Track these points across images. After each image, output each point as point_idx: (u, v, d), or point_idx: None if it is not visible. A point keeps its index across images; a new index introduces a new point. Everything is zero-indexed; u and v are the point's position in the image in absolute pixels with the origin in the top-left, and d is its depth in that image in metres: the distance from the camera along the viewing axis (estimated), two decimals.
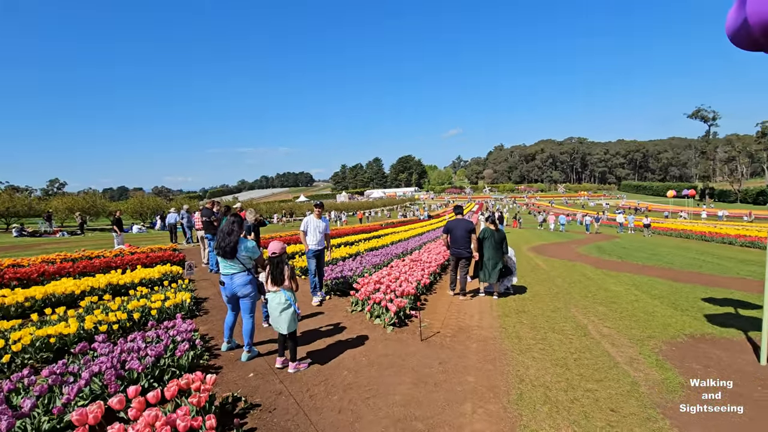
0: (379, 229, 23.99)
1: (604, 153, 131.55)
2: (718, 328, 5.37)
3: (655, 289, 7.99)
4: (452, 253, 7.21)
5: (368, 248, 12.78)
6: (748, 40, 3.56)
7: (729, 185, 73.10)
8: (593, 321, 5.73)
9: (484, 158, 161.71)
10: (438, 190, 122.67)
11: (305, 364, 4.04)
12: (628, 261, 12.68)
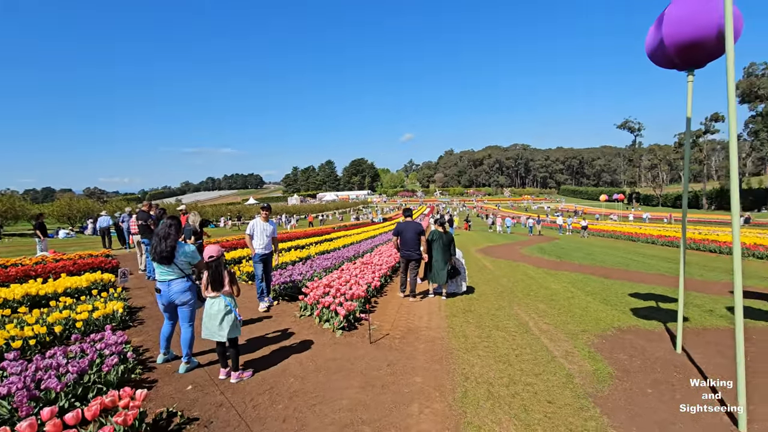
0: (332, 232, 23.75)
1: (545, 159, 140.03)
2: (642, 320, 5.86)
3: (589, 286, 8.57)
4: (402, 255, 7.28)
5: (319, 252, 12.59)
6: (664, 58, 3.93)
7: (652, 190, 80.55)
8: (534, 318, 6.02)
9: (435, 162, 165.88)
10: (390, 193, 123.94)
11: (249, 373, 3.87)
12: (566, 260, 13.51)
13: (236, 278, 3.98)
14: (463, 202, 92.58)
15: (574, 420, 3.08)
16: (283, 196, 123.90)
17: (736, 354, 3.02)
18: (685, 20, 3.49)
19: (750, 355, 4.38)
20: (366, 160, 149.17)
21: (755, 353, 4.47)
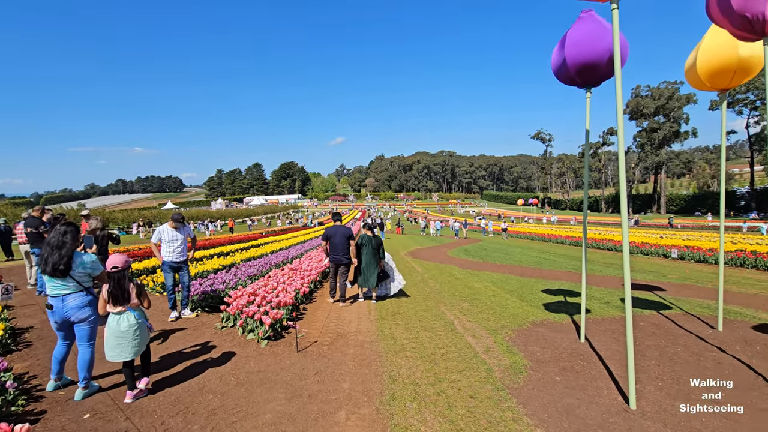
0: (259, 237, 22.77)
1: (470, 166, 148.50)
2: (552, 314, 6.41)
3: (508, 285, 9.19)
4: (331, 260, 7.19)
5: (245, 258, 11.98)
6: (567, 76, 4.37)
7: (561, 195, 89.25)
8: (459, 317, 6.30)
9: (366, 167, 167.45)
10: (322, 197, 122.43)
11: (145, 381, 3.54)
12: (488, 261, 14.38)
13: (145, 290, 3.61)
14: (393, 207, 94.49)
15: (493, 412, 3.25)
16: (206, 200, 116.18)
17: (627, 340, 3.41)
18: (582, 44, 3.92)
19: (638, 339, 5.00)
20: (296, 164, 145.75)
21: (642, 338, 5.11)
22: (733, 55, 4.47)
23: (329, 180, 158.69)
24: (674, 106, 60.47)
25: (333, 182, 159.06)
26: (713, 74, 4.66)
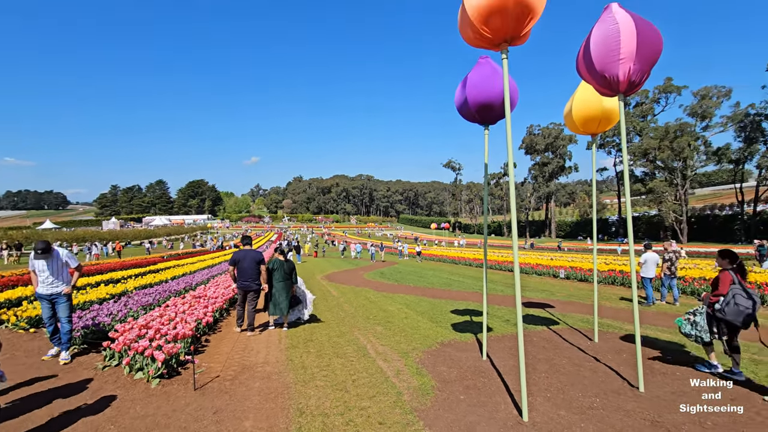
0: (160, 261, 20.61)
1: (387, 190, 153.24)
2: (459, 334, 6.75)
3: (420, 306, 9.50)
4: (239, 286, 6.78)
5: (140, 286, 10.72)
6: (468, 114, 4.80)
7: (470, 220, 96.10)
8: (372, 341, 6.31)
9: (283, 188, 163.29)
10: (235, 218, 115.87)
11: None
12: (402, 284, 14.76)
13: None
14: (311, 229, 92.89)
15: None
16: (96, 220, 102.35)
17: (519, 357, 3.72)
18: (480, 86, 4.36)
19: (531, 354, 5.48)
20: (206, 182, 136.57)
21: (534, 352, 5.62)
22: (598, 107, 5.34)
23: (243, 200, 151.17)
24: (560, 144, 69.70)
25: (247, 203, 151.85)
26: (584, 121, 5.51)
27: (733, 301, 4.45)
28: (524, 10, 3.27)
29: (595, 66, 3.91)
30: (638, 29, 3.73)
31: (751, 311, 4.36)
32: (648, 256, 9.58)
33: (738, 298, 4.43)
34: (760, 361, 5.19)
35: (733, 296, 4.48)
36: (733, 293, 4.50)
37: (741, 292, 4.46)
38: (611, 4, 3.93)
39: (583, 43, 4.06)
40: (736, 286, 4.54)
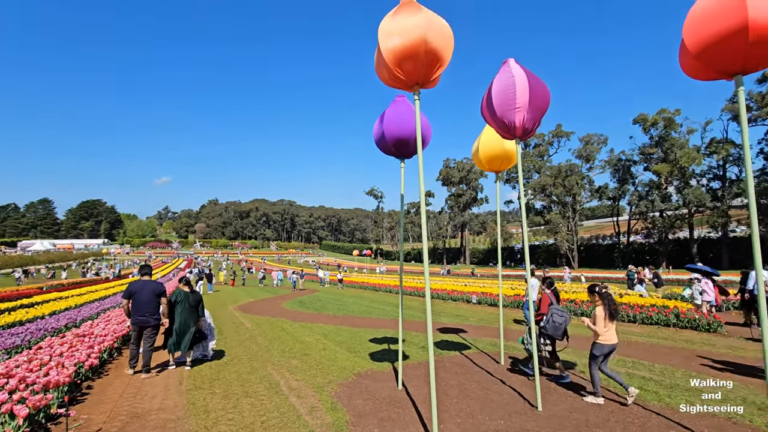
0: (36, 294, 17.62)
1: (309, 216, 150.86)
2: (377, 363, 6.73)
3: (339, 336, 9.32)
4: (134, 321, 6.04)
5: (6, 324, 9.04)
6: (386, 148, 5.01)
7: (391, 247, 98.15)
8: (285, 376, 6.00)
9: (197, 211, 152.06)
10: (137, 243, 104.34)
11: None
12: (322, 312, 14.40)
13: None
14: (227, 255, 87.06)
15: None
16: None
17: (431, 384, 3.81)
18: (396, 123, 4.61)
19: (444, 380, 5.65)
20: (103, 203, 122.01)
21: (447, 378, 5.81)
22: (500, 148, 5.94)
23: (148, 223, 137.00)
24: (473, 178, 75.44)
25: (153, 226, 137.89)
26: (489, 160, 6.08)
27: (551, 319, 5.35)
28: (434, 58, 3.57)
29: (496, 113, 4.38)
30: (530, 83, 4.28)
31: (565, 327, 5.28)
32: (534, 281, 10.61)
33: (555, 316, 5.33)
34: (634, 374, 5.95)
35: (552, 315, 5.37)
36: (552, 312, 5.39)
37: (557, 311, 5.38)
38: (509, 59, 4.47)
39: (486, 91, 4.53)
40: (554, 306, 5.45)
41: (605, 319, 4.68)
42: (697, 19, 3.02)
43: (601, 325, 4.69)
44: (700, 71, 3.40)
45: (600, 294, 4.79)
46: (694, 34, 3.06)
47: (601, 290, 4.81)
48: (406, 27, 3.42)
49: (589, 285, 5.10)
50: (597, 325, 4.71)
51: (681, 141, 44.13)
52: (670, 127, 44.98)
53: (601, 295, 4.77)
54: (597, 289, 4.86)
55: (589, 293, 4.99)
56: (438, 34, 3.49)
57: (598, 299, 4.79)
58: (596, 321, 4.73)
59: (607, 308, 4.68)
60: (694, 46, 3.13)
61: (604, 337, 4.69)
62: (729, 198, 41.99)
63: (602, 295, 4.77)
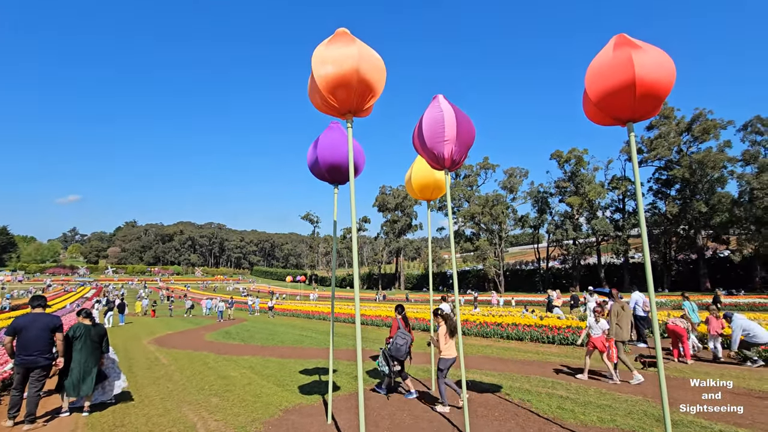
0: None
1: (240, 240, 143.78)
2: (306, 396, 6.42)
3: (267, 369, 8.78)
4: (19, 362, 5.17)
5: None
6: (319, 173, 4.98)
7: (326, 273, 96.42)
8: (204, 416, 5.47)
9: (111, 234, 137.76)
10: (34, 269, 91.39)
11: None
12: (250, 343, 13.53)
13: None
14: (144, 282, 79.12)
15: None
16: None
17: (360, 418, 3.70)
18: (330, 149, 4.62)
19: (375, 411, 5.53)
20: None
21: (378, 408, 5.69)
22: (431, 177, 6.19)
23: (50, 247, 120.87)
24: (408, 204, 77.61)
25: (56, 250, 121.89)
26: (421, 188, 6.31)
27: (395, 341, 6.10)
28: (366, 88, 3.68)
29: (426, 144, 4.58)
30: (457, 118, 4.56)
31: (406, 347, 6.07)
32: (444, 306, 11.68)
33: (398, 339, 6.09)
34: (553, 393, 6.31)
35: (396, 338, 6.14)
36: (396, 335, 6.18)
37: (401, 334, 6.14)
38: (438, 95, 4.74)
39: (417, 123, 4.74)
40: (400, 330, 6.23)
41: (446, 336, 5.44)
42: (595, 72, 3.47)
43: (443, 342, 5.42)
44: (599, 117, 3.88)
45: (442, 316, 5.60)
46: (593, 84, 3.50)
47: (442, 313, 5.67)
48: (340, 57, 3.50)
49: (434, 309, 6.05)
50: (440, 342, 5.42)
51: (589, 176, 49.82)
52: (579, 164, 50.61)
53: (444, 317, 5.59)
54: (439, 312, 5.75)
55: (433, 315, 5.83)
56: (370, 66, 3.61)
57: (441, 320, 5.57)
58: (440, 338, 5.45)
59: (448, 328, 5.45)
60: (594, 95, 3.57)
61: (446, 352, 5.42)
62: (628, 228, 47.83)
63: (444, 317, 5.59)
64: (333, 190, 5.21)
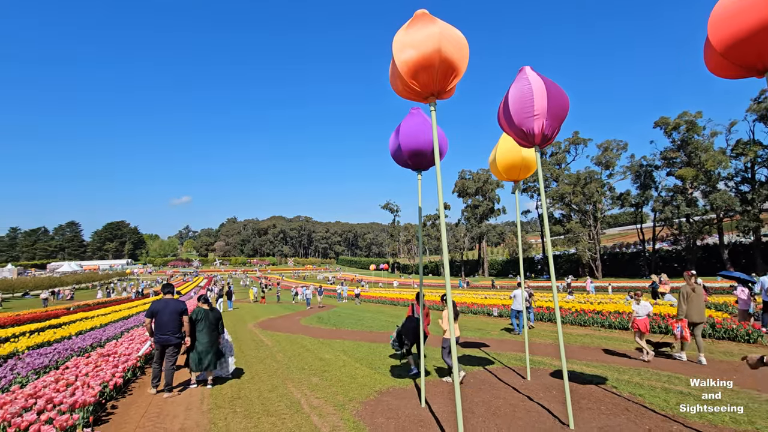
0: (63, 314, 18.09)
1: (326, 231, 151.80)
2: (398, 380, 6.58)
3: (359, 352, 9.19)
4: (157, 340, 6.09)
5: (35, 344, 9.25)
6: (401, 160, 4.98)
7: (408, 260, 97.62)
8: (306, 394, 5.91)
9: (216, 230, 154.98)
10: (159, 262, 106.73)
11: None
12: (341, 328, 14.28)
13: None
14: (245, 272, 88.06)
15: None
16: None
17: (456, 402, 3.68)
18: (412, 135, 4.58)
19: (468, 397, 5.47)
20: (127, 224, 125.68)
21: (471, 395, 5.62)
22: (518, 156, 5.84)
23: (170, 243, 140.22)
24: (489, 188, 74.79)
25: (174, 245, 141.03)
26: (507, 169, 5.98)
27: (405, 323, 6.99)
28: (448, 68, 3.55)
29: (514, 121, 4.31)
30: (548, 90, 4.20)
31: (414, 329, 6.61)
32: (516, 293, 11.84)
33: (407, 321, 6.90)
34: (670, 389, 5.64)
35: (406, 320, 6.97)
36: (407, 319, 6.94)
37: (410, 318, 6.85)
38: (524, 67, 4.42)
39: (502, 100, 4.47)
40: (414, 315, 6.82)
41: (443, 318, 6.25)
42: (723, 15, 2.92)
43: (445, 323, 6.17)
44: (727, 69, 3.27)
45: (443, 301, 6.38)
46: (720, 30, 2.95)
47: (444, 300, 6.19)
48: (421, 39, 3.42)
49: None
50: (444, 324, 6.19)
51: (705, 144, 42.77)
52: (692, 130, 43.67)
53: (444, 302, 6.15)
54: (442, 298, 6.74)
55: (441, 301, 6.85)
56: (452, 45, 3.47)
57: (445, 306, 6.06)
58: (444, 321, 6.17)
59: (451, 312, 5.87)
60: (720, 43, 3.01)
61: (447, 333, 5.99)
62: (759, 201, 40.27)
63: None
64: (416, 177, 5.18)
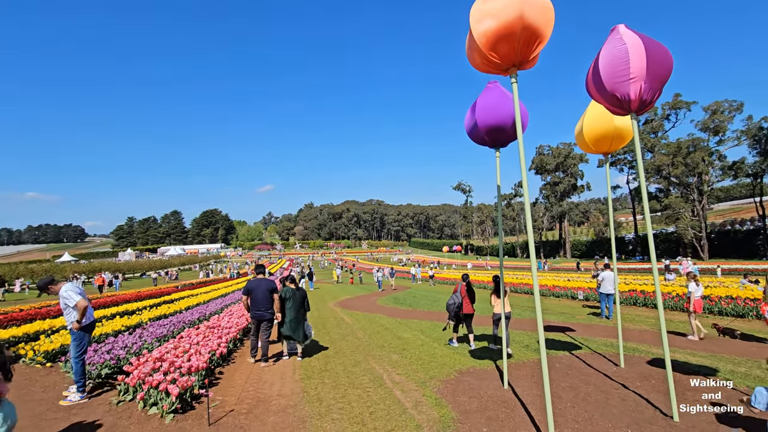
0: (173, 292, 20.73)
1: (398, 214, 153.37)
2: (477, 361, 6.54)
3: (436, 332, 9.28)
4: (253, 315, 6.73)
5: (155, 317, 10.75)
6: (478, 137, 4.81)
7: (482, 242, 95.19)
8: (388, 370, 6.14)
9: (295, 215, 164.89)
10: (247, 246, 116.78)
11: None
12: (417, 309, 14.50)
13: None
14: (323, 255, 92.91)
15: None
16: (113, 251, 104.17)
17: (544, 385, 3.56)
18: (489, 109, 4.39)
19: (554, 381, 5.25)
20: (220, 212, 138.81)
21: (558, 379, 5.39)
22: (610, 126, 5.31)
23: (255, 228, 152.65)
24: (571, 164, 69.34)
25: (260, 231, 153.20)
26: (596, 140, 5.48)
27: (448, 301, 7.74)
28: (532, 35, 3.31)
29: (606, 86, 3.91)
30: (647, 49, 3.73)
31: (454, 307, 7.58)
32: (605, 275, 10.96)
33: (451, 298, 7.71)
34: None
35: (450, 297, 7.75)
36: (451, 296, 7.75)
37: (453, 296, 7.73)
38: (618, 26, 3.96)
39: (591, 64, 4.08)
40: (457, 293, 7.71)
41: (493, 295, 7.46)
42: None
43: (491, 300, 7.46)
44: None
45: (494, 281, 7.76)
46: None
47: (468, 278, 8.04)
48: (500, 5, 3.21)
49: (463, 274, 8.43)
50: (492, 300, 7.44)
51: None
52: None
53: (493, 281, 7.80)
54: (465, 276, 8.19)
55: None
56: (536, 9, 3.22)
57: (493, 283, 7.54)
58: (492, 299, 7.43)
59: (494, 290, 7.45)
60: None
61: (494, 309, 7.36)
62: None
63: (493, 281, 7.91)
64: (494, 154, 4.98)
